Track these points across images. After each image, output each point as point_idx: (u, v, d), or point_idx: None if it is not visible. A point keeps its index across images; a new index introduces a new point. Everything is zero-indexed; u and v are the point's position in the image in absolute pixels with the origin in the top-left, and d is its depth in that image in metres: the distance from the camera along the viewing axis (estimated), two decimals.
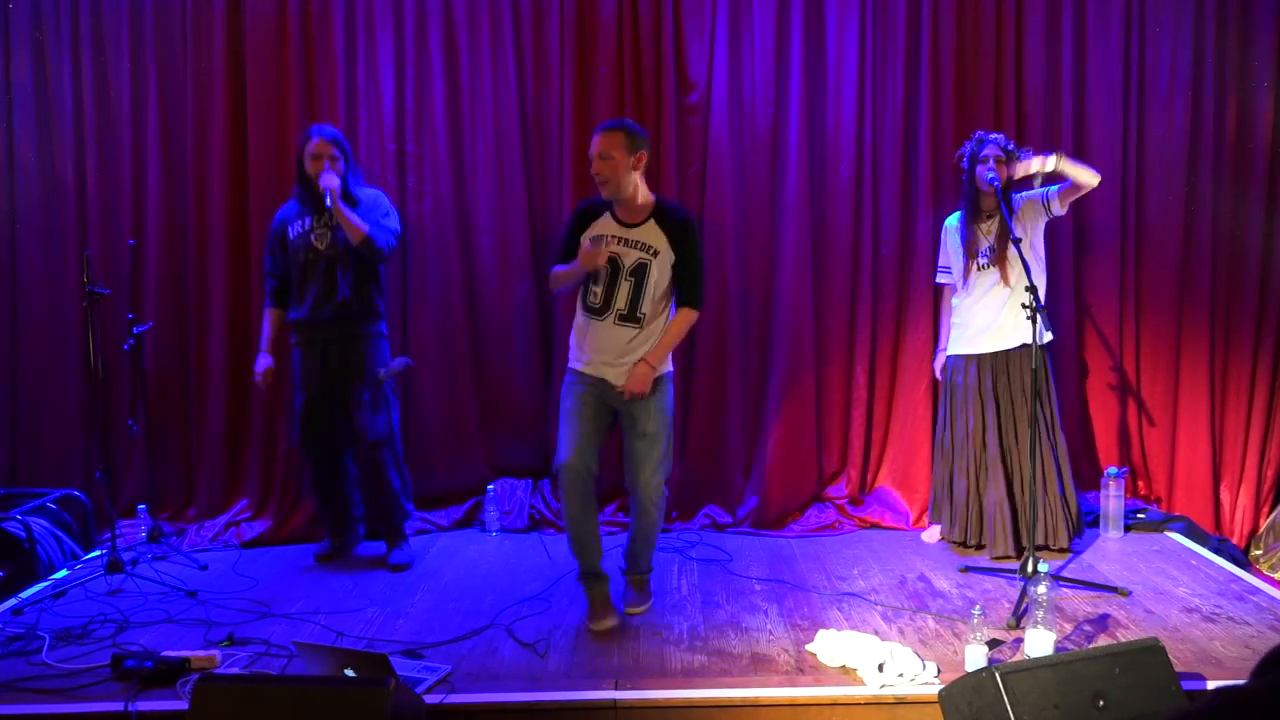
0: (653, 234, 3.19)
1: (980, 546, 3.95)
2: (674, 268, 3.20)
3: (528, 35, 4.36)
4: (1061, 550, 3.87)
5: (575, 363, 3.32)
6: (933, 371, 4.24)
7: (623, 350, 3.21)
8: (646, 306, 3.19)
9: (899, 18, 4.33)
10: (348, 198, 3.78)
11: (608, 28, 4.31)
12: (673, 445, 3.40)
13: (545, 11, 4.34)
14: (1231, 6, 4.32)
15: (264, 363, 3.90)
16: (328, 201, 3.66)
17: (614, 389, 3.22)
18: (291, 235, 3.83)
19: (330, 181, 3.66)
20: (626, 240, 3.20)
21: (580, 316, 3.29)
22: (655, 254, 3.18)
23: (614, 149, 3.14)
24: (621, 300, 3.19)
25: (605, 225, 3.23)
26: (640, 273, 3.18)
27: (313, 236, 3.79)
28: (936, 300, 4.28)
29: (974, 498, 3.92)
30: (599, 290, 3.20)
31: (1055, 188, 3.80)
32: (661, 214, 3.22)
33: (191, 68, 4.29)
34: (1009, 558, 3.79)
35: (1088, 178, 3.65)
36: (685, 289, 3.25)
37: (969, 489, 3.92)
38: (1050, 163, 3.60)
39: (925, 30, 4.30)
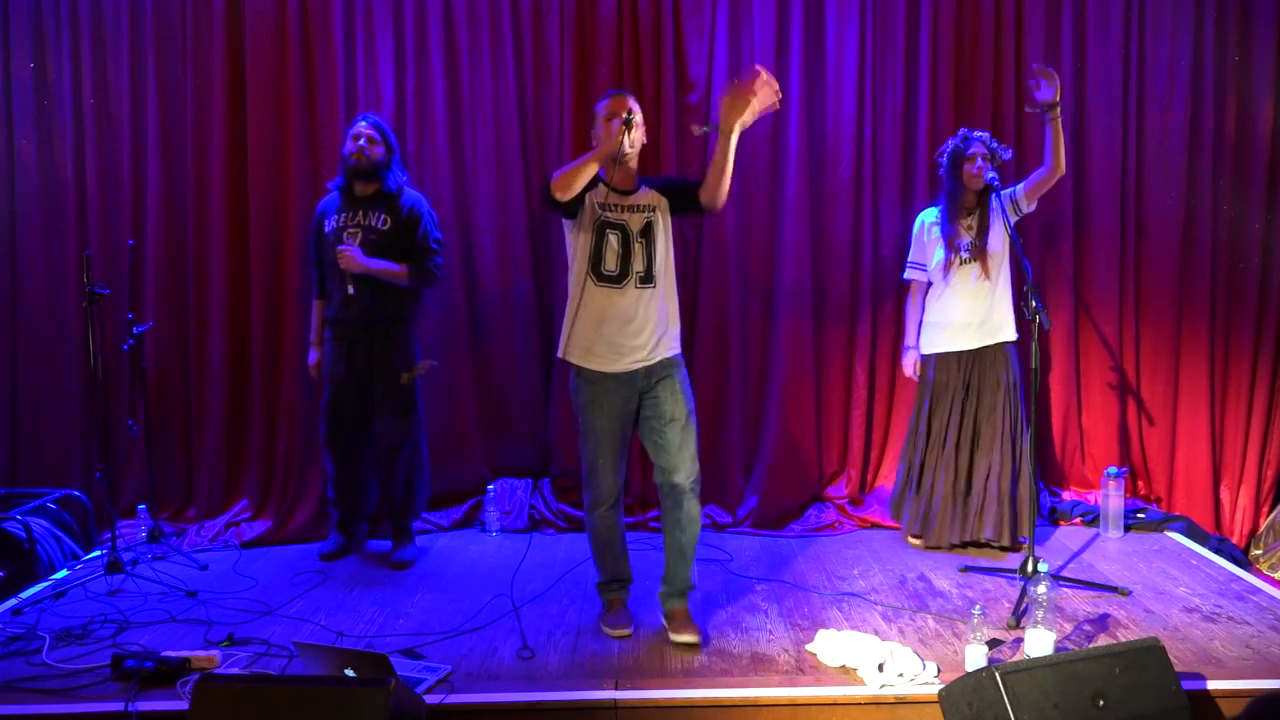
0: (648, 195, 3.19)
1: (965, 545, 3.97)
2: (676, 194, 3.19)
3: (528, 35, 4.36)
4: (1004, 548, 3.89)
5: (588, 361, 3.14)
6: (906, 373, 4.18)
7: (641, 318, 3.11)
8: (659, 263, 3.15)
9: (899, 18, 4.33)
10: (387, 199, 3.79)
11: (608, 28, 4.31)
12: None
13: (545, 11, 4.34)
14: (1231, 6, 4.32)
15: (312, 356, 4.00)
16: (350, 290, 3.71)
17: (638, 381, 3.13)
18: (327, 229, 3.83)
19: (350, 264, 3.68)
20: (628, 206, 3.15)
21: (591, 294, 3.10)
22: (654, 210, 3.17)
23: (637, 111, 3.09)
24: (639, 263, 3.12)
25: (602, 195, 3.14)
26: (649, 231, 3.15)
27: (345, 234, 3.79)
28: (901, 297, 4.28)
29: (948, 496, 3.93)
30: (614, 258, 3.10)
31: (1021, 185, 3.81)
32: (647, 178, 3.25)
33: (191, 68, 4.29)
34: (938, 548, 3.94)
35: (1060, 158, 3.66)
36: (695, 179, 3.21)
37: (933, 489, 3.95)
38: (1056, 93, 3.54)
39: (925, 30, 4.30)
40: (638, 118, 3.06)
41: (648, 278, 3.14)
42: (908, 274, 4.07)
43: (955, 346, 3.91)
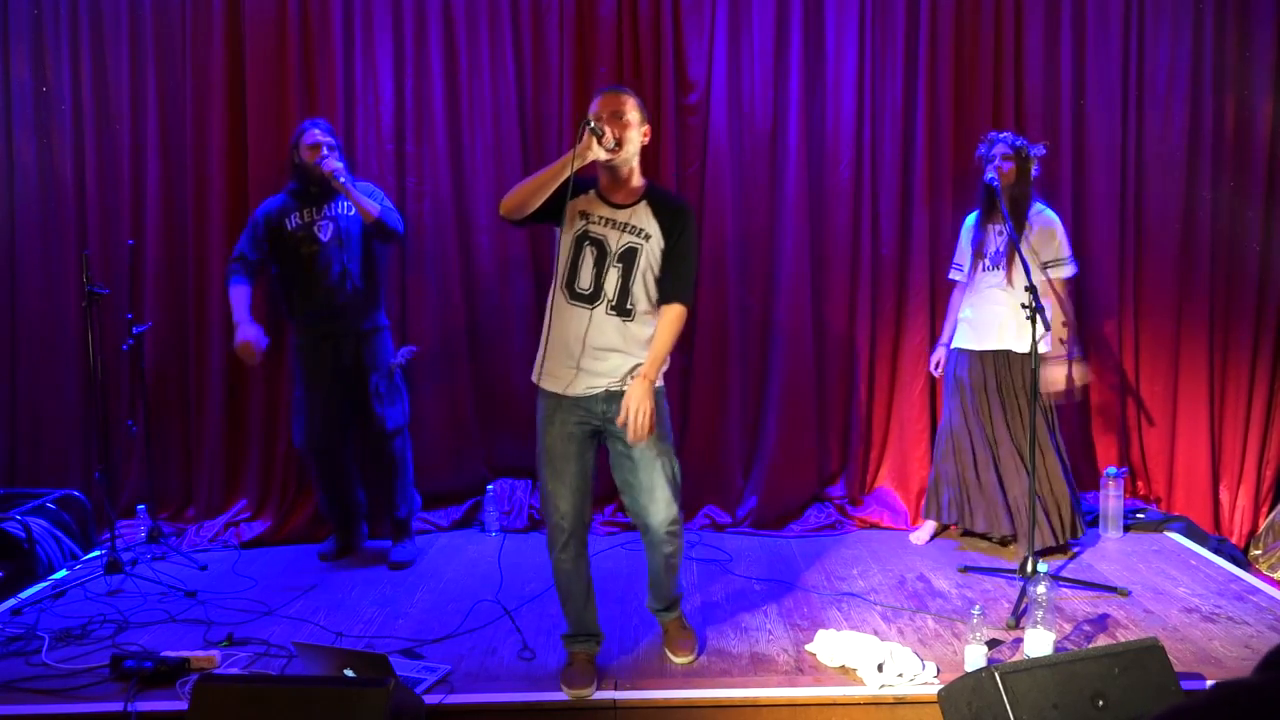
0: (643, 217, 2.81)
1: (1004, 541, 3.96)
2: (663, 256, 2.80)
3: (527, 35, 4.36)
4: (1050, 550, 3.87)
5: (548, 381, 2.84)
6: (929, 368, 4.23)
7: (609, 347, 2.78)
8: (635, 297, 2.79)
9: (898, 18, 4.33)
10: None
11: (607, 28, 4.31)
12: (677, 466, 2.91)
13: (545, 11, 4.34)
14: (1230, 7, 4.32)
15: (251, 332, 3.73)
16: (341, 179, 3.63)
17: (597, 405, 2.81)
18: (290, 227, 3.81)
19: (334, 165, 3.66)
20: (614, 222, 2.80)
21: (560, 310, 2.81)
22: (646, 238, 2.79)
23: (630, 111, 2.76)
24: (610, 288, 2.77)
25: (591, 204, 2.83)
26: (629, 258, 2.78)
27: (315, 229, 3.78)
28: (935, 298, 4.30)
29: (994, 491, 3.89)
30: (588, 276, 2.78)
31: (1064, 275, 3.84)
32: (655, 197, 2.84)
33: (191, 68, 4.29)
34: (1048, 551, 3.83)
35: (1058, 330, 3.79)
36: (671, 282, 2.81)
37: (980, 481, 3.91)
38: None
39: (924, 30, 4.30)
40: (631, 115, 2.76)
41: (620, 309, 2.78)
42: (950, 274, 4.11)
43: (977, 346, 3.91)
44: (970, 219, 4.03)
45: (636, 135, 2.78)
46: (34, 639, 3.17)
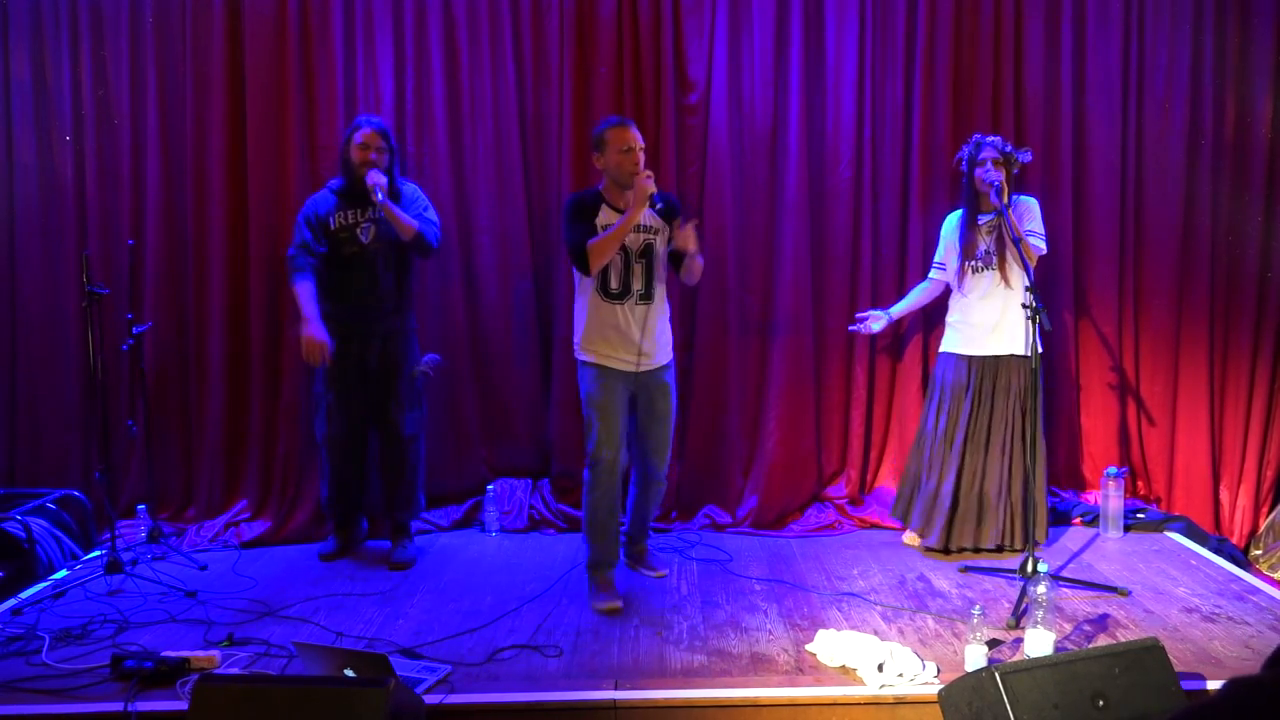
0: (650, 217, 3.46)
1: (968, 550, 3.93)
2: (669, 242, 3.50)
3: (527, 35, 4.36)
4: (1016, 551, 3.85)
5: (600, 358, 3.47)
6: (863, 327, 4.15)
7: (644, 330, 3.46)
8: (656, 283, 3.51)
9: (898, 18, 4.33)
10: (394, 194, 3.78)
11: (607, 28, 4.31)
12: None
13: (545, 11, 4.34)
14: (1231, 7, 4.32)
15: (322, 331, 3.70)
16: (378, 197, 3.63)
17: (638, 377, 3.49)
18: (334, 226, 3.81)
19: (377, 179, 3.66)
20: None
21: (599, 306, 3.46)
22: (656, 232, 3.49)
23: (639, 140, 3.47)
24: (639, 282, 3.47)
25: (607, 215, 3.43)
26: (649, 252, 3.48)
27: (358, 231, 3.79)
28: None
29: (953, 496, 3.89)
30: (616, 277, 3.44)
31: (1034, 238, 3.76)
32: (655, 198, 3.46)
33: (191, 68, 4.28)
34: (939, 550, 3.90)
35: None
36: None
37: (938, 487, 3.91)
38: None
39: (924, 30, 4.30)
40: (640, 144, 3.43)
41: (646, 295, 3.49)
42: (931, 274, 4.10)
43: (967, 350, 3.91)
44: (954, 219, 4.01)
45: (640, 156, 3.45)
46: (34, 639, 3.17)
